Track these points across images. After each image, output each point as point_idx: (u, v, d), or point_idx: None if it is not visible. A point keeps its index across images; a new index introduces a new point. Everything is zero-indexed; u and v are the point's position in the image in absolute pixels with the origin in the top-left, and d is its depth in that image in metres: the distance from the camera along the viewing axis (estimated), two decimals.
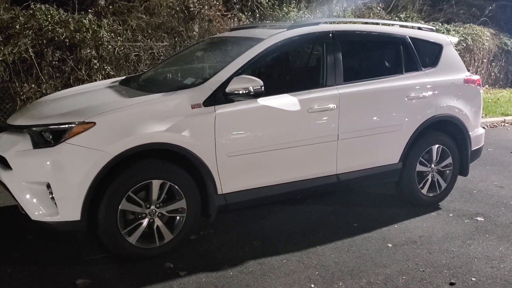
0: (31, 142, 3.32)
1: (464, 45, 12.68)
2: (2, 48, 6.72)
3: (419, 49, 4.71)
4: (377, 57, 4.88)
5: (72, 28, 7.14)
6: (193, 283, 3.27)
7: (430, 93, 4.58)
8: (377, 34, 4.68)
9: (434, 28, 5.31)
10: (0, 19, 6.91)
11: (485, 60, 13.59)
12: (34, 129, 3.37)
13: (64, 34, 7.04)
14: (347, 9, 11.78)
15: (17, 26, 6.82)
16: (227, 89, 3.59)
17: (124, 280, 3.28)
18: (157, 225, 3.53)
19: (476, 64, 13.30)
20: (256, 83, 3.59)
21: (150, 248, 3.54)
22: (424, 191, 4.76)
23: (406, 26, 5.12)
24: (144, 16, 8.35)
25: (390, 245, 3.94)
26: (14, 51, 6.77)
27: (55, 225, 3.29)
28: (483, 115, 9.76)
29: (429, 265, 3.60)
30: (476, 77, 5.04)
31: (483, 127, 5.67)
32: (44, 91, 6.92)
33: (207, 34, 8.68)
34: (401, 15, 12.94)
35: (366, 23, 5.22)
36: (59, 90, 6.30)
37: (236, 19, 9.54)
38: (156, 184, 3.45)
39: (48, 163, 3.20)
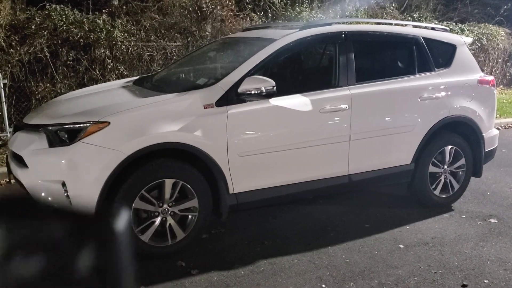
0: (46, 141, 3.37)
1: (479, 45, 12.55)
2: (18, 48, 6.82)
3: (432, 49, 4.68)
4: (390, 57, 4.86)
5: (86, 28, 7.22)
6: (205, 282, 3.29)
7: (443, 93, 4.55)
8: (390, 34, 4.66)
9: (447, 28, 5.27)
10: (16, 20, 7.01)
11: (500, 60, 13.43)
12: (50, 128, 3.42)
13: (79, 34, 7.13)
14: (360, 9, 11.74)
15: (33, 27, 6.93)
16: (240, 89, 3.61)
17: (137, 277, 3.32)
18: (170, 224, 3.56)
19: (491, 64, 13.15)
20: (268, 83, 3.61)
21: (163, 247, 3.57)
22: (437, 192, 4.73)
23: (419, 27, 5.09)
24: (157, 16, 8.41)
25: (401, 246, 3.93)
26: (29, 51, 6.87)
27: None
28: (497, 115, 9.65)
29: (441, 266, 3.59)
30: (490, 77, 5.00)
31: (497, 128, 5.62)
32: (59, 91, 7.01)
33: (220, 34, 8.71)
34: (415, 15, 12.85)
35: (379, 23, 5.21)
36: (74, 90, 6.38)
37: (248, 19, 9.56)
38: (168, 183, 3.49)
39: (63, 161, 3.25)
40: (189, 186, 3.55)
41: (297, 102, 3.86)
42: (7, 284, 3.12)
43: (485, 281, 3.39)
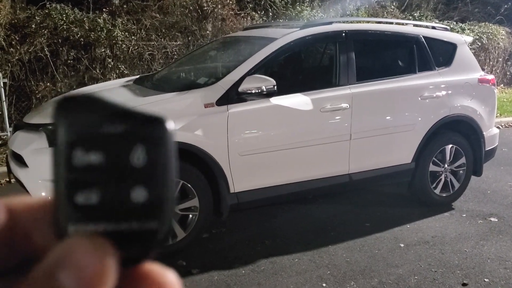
0: (46, 141, 3.37)
1: (479, 44, 12.54)
2: (18, 47, 6.82)
3: (433, 48, 4.68)
4: (390, 56, 4.86)
5: (86, 27, 7.22)
6: (205, 281, 3.30)
7: (443, 92, 4.55)
8: (390, 33, 4.66)
9: (448, 27, 5.27)
10: (16, 19, 7.02)
11: (500, 59, 13.42)
12: (50, 127, 3.42)
13: (79, 33, 7.13)
14: (360, 8, 11.74)
15: (33, 26, 6.93)
16: (240, 89, 3.61)
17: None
18: None
19: (491, 63, 13.14)
20: (269, 82, 3.61)
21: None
22: (437, 191, 4.73)
23: (420, 26, 5.09)
24: (157, 15, 8.41)
25: (402, 245, 3.93)
26: (30, 50, 6.87)
27: None
28: (498, 114, 9.64)
29: (442, 265, 3.59)
30: (490, 76, 5.00)
31: (498, 127, 5.62)
32: (59, 90, 7.02)
33: (220, 33, 8.71)
34: (415, 14, 12.85)
35: (379, 22, 5.21)
36: (74, 89, 6.38)
37: (249, 18, 9.56)
38: None
39: None
40: (189, 185, 3.55)
41: (298, 101, 3.86)
42: None
43: (485, 279, 3.39)
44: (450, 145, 4.69)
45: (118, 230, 0.30)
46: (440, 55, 4.74)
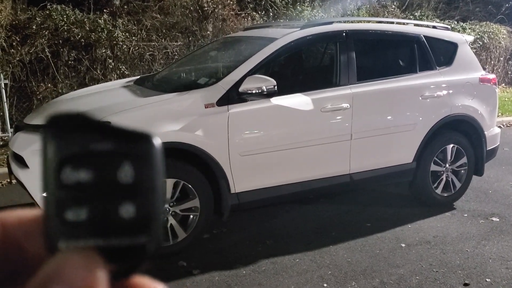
0: None
1: (480, 43, 12.51)
2: (19, 48, 6.82)
3: (433, 48, 4.67)
4: (391, 56, 4.86)
5: (87, 28, 7.22)
6: (206, 281, 3.29)
7: (444, 92, 4.54)
8: (391, 33, 4.65)
9: (449, 26, 5.27)
10: (17, 20, 7.02)
11: (501, 59, 13.39)
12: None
13: (80, 34, 7.13)
14: (361, 8, 11.73)
15: (34, 27, 6.93)
16: (240, 89, 3.61)
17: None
18: (171, 224, 3.56)
19: (492, 62, 13.11)
20: (269, 82, 3.60)
21: (164, 246, 3.57)
22: (439, 191, 4.72)
23: (421, 25, 5.08)
24: (158, 16, 8.41)
25: (403, 245, 3.92)
26: (30, 51, 6.88)
27: None
28: (499, 114, 9.62)
29: (443, 265, 3.58)
30: (491, 76, 4.99)
31: (499, 126, 5.61)
32: (60, 91, 7.02)
33: (221, 33, 8.71)
34: (416, 14, 12.83)
35: (380, 22, 5.20)
36: (75, 90, 6.38)
37: (249, 18, 9.55)
38: (169, 183, 3.48)
39: None
40: (190, 186, 3.55)
41: (298, 101, 3.85)
42: None
43: (486, 279, 3.38)
44: (451, 145, 4.68)
45: (108, 245, 0.31)
46: (441, 54, 4.73)
